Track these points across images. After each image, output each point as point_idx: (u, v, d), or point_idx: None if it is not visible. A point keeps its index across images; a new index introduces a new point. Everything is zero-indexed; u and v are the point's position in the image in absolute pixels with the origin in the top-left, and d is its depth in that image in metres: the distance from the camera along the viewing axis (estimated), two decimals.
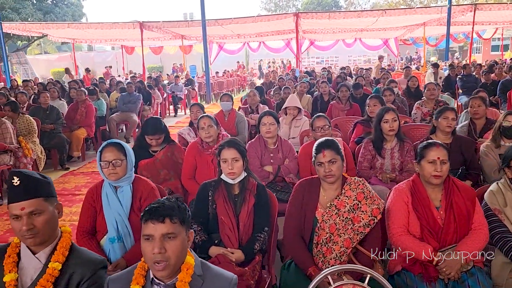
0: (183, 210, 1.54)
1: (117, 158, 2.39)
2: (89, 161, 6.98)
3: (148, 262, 1.49)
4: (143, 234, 1.49)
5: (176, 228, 1.49)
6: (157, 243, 1.46)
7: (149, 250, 1.47)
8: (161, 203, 1.52)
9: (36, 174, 1.65)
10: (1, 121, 5.12)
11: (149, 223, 1.48)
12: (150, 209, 1.50)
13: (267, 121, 3.47)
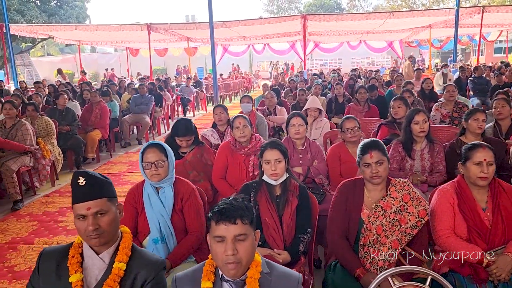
0: (251, 210, 1.54)
1: (159, 159, 2.39)
2: (104, 163, 6.99)
3: (219, 262, 1.49)
4: (215, 235, 1.48)
5: (247, 229, 1.48)
6: (229, 244, 1.45)
7: (221, 252, 1.46)
8: (230, 203, 1.51)
9: (99, 175, 1.65)
10: (21, 123, 5.13)
11: (221, 224, 1.47)
12: (220, 210, 1.49)
13: (296, 122, 3.47)
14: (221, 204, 1.52)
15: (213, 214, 1.50)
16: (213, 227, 1.50)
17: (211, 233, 1.51)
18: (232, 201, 1.52)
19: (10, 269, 3.41)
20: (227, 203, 1.52)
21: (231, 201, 1.53)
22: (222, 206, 1.50)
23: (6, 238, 4.03)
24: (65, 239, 3.96)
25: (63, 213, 4.66)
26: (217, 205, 1.53)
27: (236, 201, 1.53)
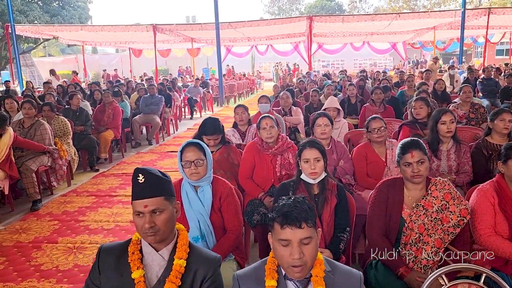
0: (314, 211, 1.53)
1: (198, 158, 2.40)
2: (117, 163, 7.00)
3: (284, 264, 1.48)
4: (280, 238, 1.47)
5: (312, 232, 1.48)
6: (295, 248, 1.44)
7: (286, 255, 1.46)
8: (293, 206, 1.49)
9: (159, 172, 1.66)
10: (40, 123, 5.14)
11: (286, 228, 1.45)
12: (285, 213, 1.47)
13: (322, 122, 3.49)
14: (284, 206, 1.50)
15: (277, 217, 1.49)
16: (277, 230, 1.49)
17: (275, 235, 1.51)
18: (295, 203, 1.50)
19: (37, 268, 3.42)
20: (290, 205, 1.50)
21: (294, 203, 1.50)
22: (286, 209, 1.48)
23: (29, 237, 4.04)
24: (88, 238, 3.97)
25: (83, 213, 4.67)
26: (280, 206, 1.52)
27: (299, 202, 1.51)
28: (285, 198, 1.57)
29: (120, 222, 4.37)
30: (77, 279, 3.24)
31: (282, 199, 1.57)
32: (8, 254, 3.70)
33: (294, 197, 1.57)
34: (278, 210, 1.51)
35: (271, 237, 1.55)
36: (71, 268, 3.41)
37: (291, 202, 1.52)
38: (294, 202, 1.51)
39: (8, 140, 4.54)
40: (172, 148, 8.10)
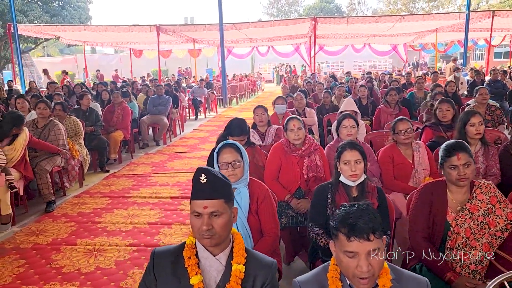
0: (379, 219, 1.46)
1: (236, 160, 2.36)
2: (127, 164, 6.94)
3: (350, 276, 1.44)
4: (346, 250, 1.42)
5: (380, 243, 1.43)
6: (363, 261, 1.39)
7: (353, 266, 1.41)
8: (359, 216, 1.42)
9: (220, 175, 1.62)
10: (54, 123, 5.08)
11: (354, 240, 1.40)
12: (351, 225, 1.41)
13: (348, 124, 3.45)
14: (347, 214, 1.44)
15: (342, 227, 1.43)
16: (342, 241, 1.43)
17: (339, 246, 1.45)
18: (360, 212, 1.44)
19: (59, 271, 3.36)
20: (355, 214, 1.43)
21: (359, 212, 1.44)
22: (352, 220, 1.41)
23: (46, 239, 3.98)
24: (107, 240, 3.92)
25: (98, 214, 4.61)
26: (343, 214, 1.45)
27: (364, 211, 1.44)
28: (347, 205, 1.51)
29: (138, 224, 4.32)
30: (100, 282, 3.18)
31: (344, 206, 1.51)
32: (27, 256, 3.63)
33: (357, 204, 1.50)
34: (342, 219, 1.45)
35: (334, 245, 1.51)
36: (93, 271, 3.35)
37: (355, 210, 1.45)
38: (359, 211, 1.44)
39: (23, 141, 4.48)
40: (180, 149, 8.05)
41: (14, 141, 4.42)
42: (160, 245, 3.78)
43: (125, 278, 3.23)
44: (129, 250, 3.71)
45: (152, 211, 4.67)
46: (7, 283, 3.19)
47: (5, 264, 3.49)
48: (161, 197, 5.15)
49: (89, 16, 33.29)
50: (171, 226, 4.22)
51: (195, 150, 7.98)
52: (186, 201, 4.98)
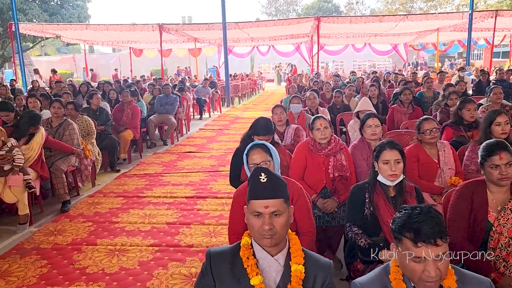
0: (443, 221, 1.45)
1: (265, 160, 2.36)
2: (137, 163, 6.91)
3: (415, 279, 1.43)
4: (415, 256, 1.40)
5: (446, 246, 1.41)
6: (431, 266, 1.38)
7: (420, 270, 1.40)
8: (422, 219, 1.40)
9: (278, 174, 1.61)
10: (68, 122, 5.05)
11: (421, 246, 1.39)
12: (417, 230, 1.39)
13: (372, 123, 3.44)
14: (411, 217, 1.42)
15: (407, 232, 1.41)
16: (408, 245, 1.42)
17: (405, 249, 1.43)
18: (425, 216, 1.41)
19: (82, 271, 3.34)
20: (419, 219, 1.41)
21: (424, 216, 1.41)
22: (417, 225, 1.39)
23: (66, 239, 3.95)
24: (128, 240, 3.89)
25: (115, 214, 4.58)
26: (407, 219, 1.43)
27: (428, 214, 1.42)
28: (408, 207, 1.49)
29: (156, 224, 4.30)
30: (126, 283, 3.16)
31: (405, 209, 1.49)
32: (48, 256, 3.61)
33: (419, 207, 1.48)
34: (405, 224, 1.43)
35: (395, 248, 1.49)
36: (117, 271, 3.33)
37: (418, 214, 1.43)
38: (423, 215, 1.42)
39: (40, 140, 4.45)
40: (188, 149, 8.02)
41: (31, 140, 4.39)
42: (181, 246, 3.76)
43: (151, 279, 3.21)
44: (151, 250, 3.69)
45: (169, 211, 4.65)
46: (32, 284, 3.17)
47: (27, 265, 3.46)
48: (176, 196, 5.13)
49: (88, 15, 33.15)
50: (190, 226, 4.20)
51: (204, 149, 7.96)
52: (201, 201, 4.97)
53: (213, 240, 3.87)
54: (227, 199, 4.99)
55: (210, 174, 6.14)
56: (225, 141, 8.69)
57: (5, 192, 4.06)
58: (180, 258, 3.53)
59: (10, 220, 4.45)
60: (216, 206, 4.78)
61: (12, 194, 4.08)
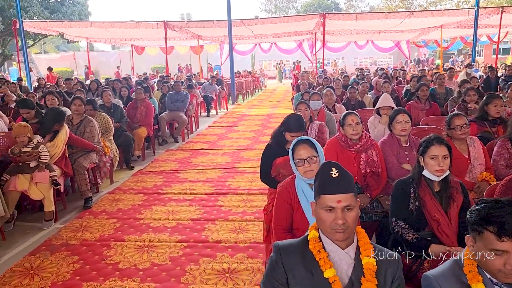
0: None
1: (311, 155, 2.37)
2: (151, 161, 6.91)
3: (495, 271, 1.44)
4: (496, 248, 1.41)
5: None
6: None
7: (500, 264, 1.41)
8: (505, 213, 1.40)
9: (345, 169, 1.62)
10: (89, 119, 5.06)
11: (506, 241, 1.39)
12: (501, 223, 1.39)
13: (402, 119, 3.46)
14: (493, 211, 1.43)
15: (489, 225, 1.42)
16: (490, 239, 1.42)
17: (485, 243, 1.44)
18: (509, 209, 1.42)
19: (115, 267, 3.35)
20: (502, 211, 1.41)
21: (508, 209, 1.42)
22: (501, 220, 1.40)
23: (93, 235, 3.96)
24: (155, 236, 3.91)
25: (138, 211, 4.60)
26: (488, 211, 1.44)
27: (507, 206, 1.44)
28: (488, 200, 1.49)
29: (180, 220, 4.31)
30: (160, 278, 3.18)
31: (484, 201, 1.50)
32: (78, 252, 3.62)
33: (500, 200, 1.48)
34: (486, 216, 1.44)
35: (472, 240, 1.51)
36: (150, 267, 3.35)
37: (501, 206, 1.44)
38: (508, 208, 1.42)
39: (64, 137, 4.46)
40: (200, 146, 8.03)
41: (56, 137, 4.40)
42: (210, 241, 3.78)
43: (184, 274, 3.23)
44: (179, 246, 3.71)
45: (192, 208, 4.66)
46: (66, 280, 3.18)
47: (58, 261, 3.48)
48: (196, 193, 5.14)
49: (88, 12, 33.04)
50: (214, 222, 4.22)
51: (216, 146, 7.96)
52: (222, 197, 4.99)
53: (240, 236, 3.89)
54: (247, 195, 5.02)
55: (226, 171, 6.15)
56: (235, 138, 8.71)
57: (32, 189, 4.07)
58: (210, 254, 3.55)
59: (34, 217, 4.47)
60: (237, 202, 4.80)
61: (39, 191, 4.09)
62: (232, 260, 3.44)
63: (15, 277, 3.23)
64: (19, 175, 4.06)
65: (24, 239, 3.95)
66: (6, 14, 25.71)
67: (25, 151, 4.08)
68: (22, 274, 3.29)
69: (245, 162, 6.67)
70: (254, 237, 3.87)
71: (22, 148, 4.09)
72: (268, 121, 10.94)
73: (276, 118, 11.42)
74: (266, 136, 8.85)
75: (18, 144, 4.08)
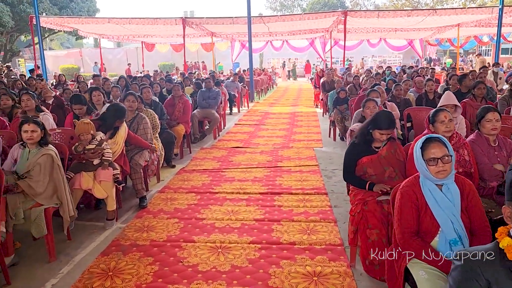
0: None
1: (445, 154, 2.24)
2: (190, 159, 6.78)
3: None
4: None
5: None
6: None
7: None
8: None
9: None
10: (141, 116, 4.93)
11: None
12: None
13: (493, 117, 3.33)
14: None
15: None
16: None
17: None
18: None
19: (195, 269, 3.23)
20: None
21: None
22: None
23: (160, 236, 3.83)
24: (224, 237, 3.78)
25: (196, 210, 4.47)
26: None
27: None
28: None
29: (244, 220, 4.18)
30: (246, 282, 3.06)
31: None
32: (150, 253, 3.50)
33: None
34: None
35: None
36: (231, 269, 3.22)
37: None
38: None
39: (124, 134, 4.35)
40: (233, 144, 7.90)
41: (116, 134, 4.27)
42: (282, 243, 3.66)
43: (270, 277, 3.10)
44: (253, 247, 3.58)
45: (250, 207, 4.54)
46: (150, 282, 3.06)
47: (134, 262, 3.36)
48: (249, 193, 5.02)
49: (96, 9, 32.91)
50: (280, 223, 4.09)
51: (250, 145, 7.83)
52: (278, 197, 4.86)
53: (313, 237, 3.77)
54: (303, 195, 4.90)
55: (271, 170, 6.03)
56: (267, 137, 8.57)
57: (96, 187, 3.95)
58: (289, 256, 3.42)
59: (93, 216, 4.35)
60: (295, 202, 4.67)
61: (102, 189, 3.97)
62: (314, 263, 3.31)
63: (95, 279, 3.11)
64: (83, 173, 3.93)
65: (90, 239, 3.84)
66: (16, 10, 25.58)
67: (89, 148, 3.95)
68: (100, 275, 3.17)
69: (287, 161, 6.54)
70: (327, 239, 3.74)
71: (86, 146, 3.96)
72: (294, 120, 10.81)
73: (301, 117, 11.30)
74: (297, 134, 8.74)
75: (82, 141, 3.96)
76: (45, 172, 3.33)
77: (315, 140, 8.11)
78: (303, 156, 6.81)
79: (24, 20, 25.34)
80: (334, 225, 4.03)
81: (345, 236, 3.76)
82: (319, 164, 6.27)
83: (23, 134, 3.35)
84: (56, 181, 3.41)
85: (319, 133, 8.88)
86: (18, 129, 3.42)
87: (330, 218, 4.19)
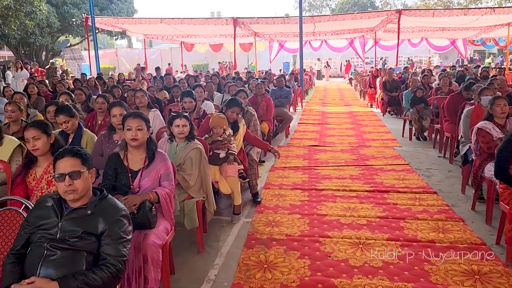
0: None
1: None
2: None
3: None
4: None
5: None
6: None
7: None
8: None
9: None
10: (251, 113, 4.98)
11: None
12: None
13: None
14: None
15: None
16: None
17: None
18: None
19: (347, 263, 3.23)
20: None
21: None
22: None
23: (293, 230, 3.85)
24: (356, 233, 3.77)
25: (313, 207, 4.46)
26: None
27: None
28: None
29: (367, 217, 4.16)
30: (406, 278, 3.03)
31: None
32: (294, 247, 3.52)
33: None
34: None
35: None
36: (384, 265, 3.20)
37: None
38: None
39: (243, 130, 4.41)
40: (307, 143, 7.91)
41: (238, 131, 4.33)
42: (421, 240, 3.63)
43: (429, 275, 3.07)
44: (393, 244, 3.56)
45: (366, 205, 4.51)
46: (311, 276, 3.08)
47: (282, 255, 3.39)
48: (355, 190, 5.00)
49: (134, 10, 33.55)
50: (406, 221, 4.06)
51: (325, 144, 7.81)
52: (386, 194, 4.83)
53: (450, 236, 3.70)
54: (412, 193, 4.85)
55: (363, 168, 5.99)
56: (338, 136, 8.54)
57: (222, 182, 4.01)
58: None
59: None
60: (409, 201, 4.61)
61: (227, 185, 4.02)
62: (466, 261, 3.26)
63: (254, 271, 3.16)
64: (210, 166, 3.99)
65: (223, 232, 3.91)
66: (60, 11, 26.30)
67: (217, 139, 4.02)
68: (256, 268, 3.21)
69: (373, 159, 6.50)
70: (465, 237, 3.68)
71: (215, 139, 4.03)
72: (355, 119, 10.73)
73: (361, 116, 11.24)
74: (367, 134, 8.68)
75: (213, 134, 4.03)
76: (196, 166, 3.40)
77: (390, 140, 8.03)
78: (387, 155, 6.75)
79: (67, 21, 26.06)
80: (464, 224, 3.97)
81: (482, 235, 3.72)
82: (410, 163, 6.20)
83: (175, 128, 3.43)
84: (203, 174, 3.47)
85: (388, 132, 8.79)
86: (168, 124, 3.50)
87: (456, 217, 4.13)
